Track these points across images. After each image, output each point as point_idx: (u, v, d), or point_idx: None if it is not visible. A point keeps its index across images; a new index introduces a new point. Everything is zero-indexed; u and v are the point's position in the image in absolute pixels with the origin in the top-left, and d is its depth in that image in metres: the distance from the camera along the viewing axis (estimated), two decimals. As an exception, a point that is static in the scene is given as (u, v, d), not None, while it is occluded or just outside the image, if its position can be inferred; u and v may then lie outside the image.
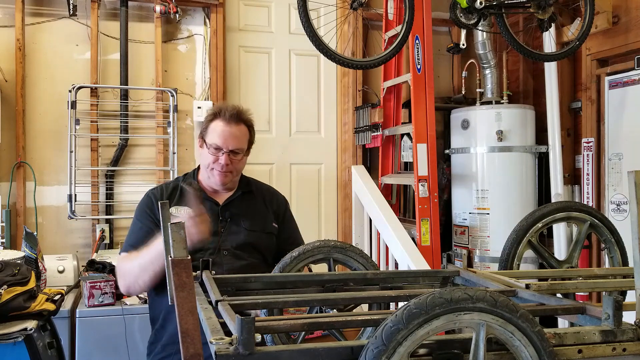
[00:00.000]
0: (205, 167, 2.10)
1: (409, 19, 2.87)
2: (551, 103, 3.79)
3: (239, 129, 2.10)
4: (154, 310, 2.11)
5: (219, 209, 2.11)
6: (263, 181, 2.40)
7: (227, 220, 2.10)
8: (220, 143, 2.05)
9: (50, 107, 3.72)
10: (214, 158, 2.06)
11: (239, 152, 2.09)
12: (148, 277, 1.90)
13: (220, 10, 4.02)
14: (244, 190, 2.20)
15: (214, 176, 2.09)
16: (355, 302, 1.45)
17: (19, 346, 2.25)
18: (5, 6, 3.64)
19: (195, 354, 0.94)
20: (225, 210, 2.12)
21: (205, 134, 2.10)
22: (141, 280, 1.92)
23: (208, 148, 2.07)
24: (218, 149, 2.05)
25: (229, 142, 2.06)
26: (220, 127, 2.06)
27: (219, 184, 2.10)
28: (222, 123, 2.07)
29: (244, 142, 2.13)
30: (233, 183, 2.17)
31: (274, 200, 2.27)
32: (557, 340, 1.05)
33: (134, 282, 1.95)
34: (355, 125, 4.25)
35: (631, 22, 3.44)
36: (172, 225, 1.11)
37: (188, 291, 1.00)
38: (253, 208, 2.18)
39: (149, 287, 1.97)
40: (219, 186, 2.12)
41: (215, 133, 2.06)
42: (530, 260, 3.47)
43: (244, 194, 2.19)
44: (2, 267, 2.36)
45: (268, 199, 2.26)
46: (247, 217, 2.14)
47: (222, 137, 2.05)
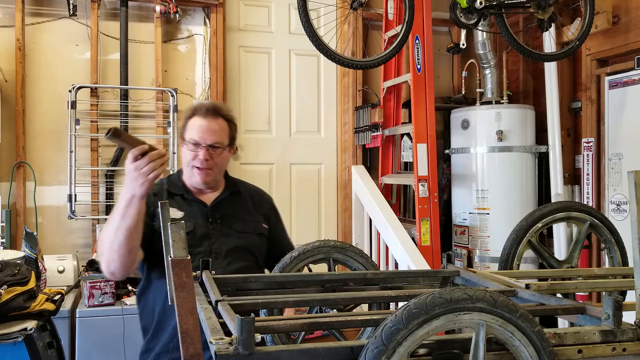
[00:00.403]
0: (186, 166, 2.04)
1: (409, 19, 2.87)
2: (551, 103, 3.79)
3: (217, 123, 2.03)
4: (145, 319, 2.05)
5: (207, 210, 2.05)
6: (263, 181, 2.40)
7: (217, 222, 2.03)
8: (197, 138, 1.99)
9: (50, 107, 3.72)
10: (193, 154, 2.00)
11: (218, 146, 2.02)
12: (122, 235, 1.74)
13: (220, 10, 4.02)
14: (232, 191, 2.14)
15: (194, 175, 2.02)
16: (355, 302, 1.45)
17: (19, 346, 2.25)
18: (5, 6, 3.64)
19: (195, 354, 0.94)
20: (214, 212, 2.05)
21: (184, 132, 2.04)
22: (116, 244, 1.75)
23: (187, 145, 2.02)
24: (196, 144, 1.99)
25: (207, 136, 1.99)
26: (198, 122, 2.01)
27: (201, 182, 2.04)
28: (200, 118, 2.02)
29: (224, 137, 2.05)
30: (216, 182, 2.11)
31: (263, 201, 2.24)
32: (557, 340, 1.05)
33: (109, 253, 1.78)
34: (355, 125, 4.25)
35: (631, 22, 3.44)
36: (172, 225, 1.11)
37: (188, 291, 1.00)
38: (242, 209, 2.13)
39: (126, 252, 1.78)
40: (201, 185, 2.05)
41: (193, 129, 2.01)
42: (530, 260, 3.47)
43: (232, 194, 2.14)
44: (2, 267, 2.36)
45: (257, 200, 2.21)
46: (237, 218, 2.08)
47: (199, 132, 1.99)
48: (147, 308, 1.99)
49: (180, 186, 2.07)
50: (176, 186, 2.08)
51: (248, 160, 4.20)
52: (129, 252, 1.79)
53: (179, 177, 2.11)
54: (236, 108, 4.18)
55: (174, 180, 2.11)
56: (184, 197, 2.05)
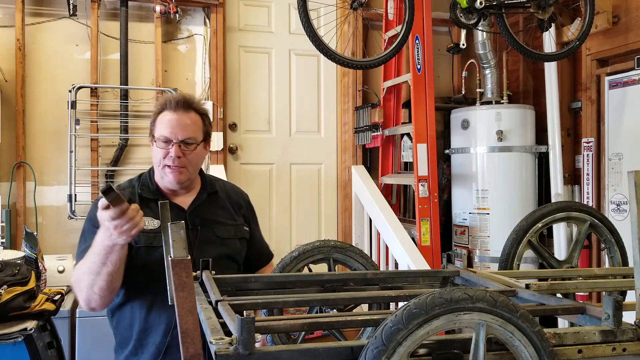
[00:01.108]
0: (157, 165, 1.86)
1: (409, 19, 2.87)
2: (551, 103, 3.79)
3: (189, 117, 1.85)
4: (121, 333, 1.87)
5: (186, 215, 1.87)
6: (263, 181, 2.33)
7: (197, 229, 1.87)
8: (168, 134, 1.82)
9: (50, 107, 3.72)
10: (164, 152, 1.82)
11: (191, 142, 1.84)
12: (103, 281, 1.66)
13: (220, 10, 4.02)
14: (209, 192, 1.97)
15: (166, 174, 1.85)
16: (355, 302, 1.45)
17: (19, 346, 2.26)
18: (5, 6, 3.64)
19: (195, 354, 0.94)
20: (194, 217, 1.88)
21: (154, 128, 1.87)
22: (97, 287, 1.67)
23: (156, 142, 1.84)
24: (167, 141, 1.82)
25: (178, 131, 1.82)
26: (168, 117, 1.84)
27: (174, 182, 1.86)
28: (169, 112, 1.85)
29: (197, 131, 1.86)
30: (191, 181, 1.93)
31: (241, 201, 2.07)
32: (557, 340, 1.05)
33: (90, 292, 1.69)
34: (355, 125, 4.25)
35: (631, 22, 3.44)
36: (172, 225, 1.11)
37: (188, 291, 1.00)
38: (222, 211, 1.97)
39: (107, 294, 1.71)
40: (175, 185, 1.87)
41: (162, 124, 1.84)
42: (530, 260, 3.47)
43: (209, 196, 1.96)
44: (2, 267, 2.36)
45: (235, 200, 2.04)
46: (218, 222, 1.92)
47: (169, 127, 1.82)
48: (124, 322, 1.86)
49: (154, 189, 1.91)
50: (149, 190, 1.91)
51: (248, 160, 4.20)
52: (111, 292, 1.72)
53: (150, 179, 1.93)
54: (236, 108, 4.18)
55: (146, 182, 1.93)
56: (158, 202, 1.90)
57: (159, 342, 1.79)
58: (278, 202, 4.27)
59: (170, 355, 1.79)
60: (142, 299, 1.82)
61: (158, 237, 1.77)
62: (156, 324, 1.80)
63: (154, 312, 1.80)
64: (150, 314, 1.81)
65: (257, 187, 4.16)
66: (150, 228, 1.80)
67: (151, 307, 1.81)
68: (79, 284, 1.72)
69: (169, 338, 1.78)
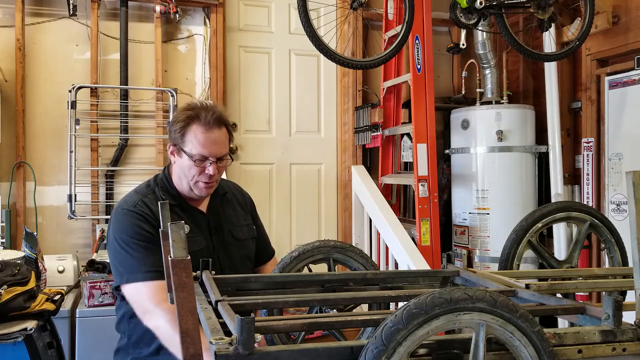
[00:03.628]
0: (189, 179, 1.85)
1: (409, 19, 2.87)
2: (551, 103, 3.79)
3: (222, 133, 1.85)
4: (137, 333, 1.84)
5: (207, 219, 1.90)
6: (263, 181, 2.34)
7: (219, 233, 1.89)
8: (207, 153, 1.80)
9: (50, 107, 3.72)
10: (200, 170, 1.82)
11: (225, 158, 1.88)
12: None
13: (220, 10, 4.02)
14: (220, 193, 1.99)
15: (199, 189, 1.85)
16: (355, 302, 1.45)
17: (19, 346, 2.25)
18: (5, 6, 3.64)
19: (195, 354, 0.94)
20: (214, 220, 1.91)
21: (182, 143, 1.83)
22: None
23: (190, 158, 1.81)
24: (203, 159, 1.81)
25: (215, 150, 1.81)
26: (203, 135, 1.80)
27: (204, 195, 1.88)
28: (203, 129, 1.81)
29: (227, 147, 1.89)
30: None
31: (247, 200, 2.11)
32: (557, 340, 1.05)
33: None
34: (355, 125, 4.25)
35: (631, 22, 3.44)
36: (172, 225, 1.11)
37: (188, 291, 1.00)
38: (235, 213, 2.00)
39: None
40: (204, 197, 1.90)
41: (197, 142, 1.80)
42: (530, 260, 3.47)
43: (221, 197, 1.99)
44: (2, 267, 2.36)
45: (242, 200, 2.08)
46: (234, 225, 1.95)
47: (207, 147, 1.80)
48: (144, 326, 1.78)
49: (175, 194, 1.90)
50: (170, 195, 1.90)
51: (248, 160, 4.21)
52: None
53: (169, 184, 1.92)
54: (236, 108, 4.18)
55: (165, 187, 1.92)
56: (182, 207, 1.90)
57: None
58: (278, 202, 4.27)
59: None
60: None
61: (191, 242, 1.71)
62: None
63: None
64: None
65: (257, 187, 4.16)
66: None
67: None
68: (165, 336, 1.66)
69: None
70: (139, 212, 1.83)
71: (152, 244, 1.77)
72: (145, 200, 1.87)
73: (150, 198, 1.88)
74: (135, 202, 1.86)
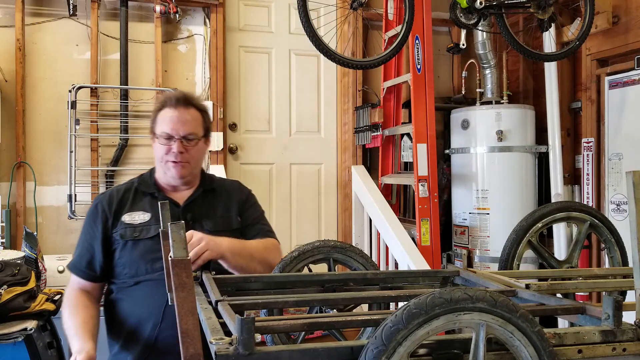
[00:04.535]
0: (160, 162, 1.92)
1: (409, 19, 2.87)
2: (551, 103, 3.79)
3: (189, 113, 1.90)
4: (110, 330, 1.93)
5: (179, 211, 1.90)
6: (263, 181, 2.32)
7: (188, 224, 1.88)
8: (169, 130, 1.87)
9: (50, 107, 3.72)
10: (167, 148, 1.88)
11: (192, 137, 1.89)
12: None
13: (220, 10, 4.02)
14: (205, 188, 1.99)
15: (169, 169, 1.90)
16: (355, 302, 1.45)
17: (19, 346, 2.25)
18: (5, 6, 3.64)
19: (195, 354, 0.94)
20: (186, 212, 1.92)
21: (155, 126, 1.92)
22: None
23: (158, 139, 1.89)
24: (169, 137, 1.87)
25: (179, 127, 1.87)
26: (169, 114, 1.89)
27: (177, 177, 1.90)
28: (170, 110, 1.89)
29: (197, 127, 1.91)
30: (193, 176, 1.97)
31: (238, 193, 2.09)
32: (557, 340, 1.05)
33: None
34: (355, 125, 4.25)
35: (631, 22, 3.44)
36: (172, 225, 1.11)
37: (188, 291, 1.00)
38: (216, 207, 1.98)
39: None
40: (177, 180, 1.92)
41: (163, 121, 1.89)
42: (530, 260, 3.47)
43: (205, 192, 1.99)
44: (2, 267, 2.36)
45: (230, 194, 2.06)
46: (209, 217, 1.94)
47: (170, 124, 1.87)
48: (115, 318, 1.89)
49: (152, 184, 1.96)
50: (147, 184, 1.96)
51: (248, 160, 4.20)
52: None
53: (150, 175, 1.99)
54: (236, 108, 4.18)
55: (145, 178, 2.00)
56: (154, 196, 1.92)
57: (147, 337, 1.80)
58: (278, 202, 4.27)
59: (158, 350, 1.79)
60: (131, 294, 1.84)
61: (145, 230, 1.85)
62: (146, 317, 1.81)
63: (143, 306, 1.81)
64: (139, 309, 1.82)
65: (257, 187, 4.13)
66: (139, 222, 1.86)
67: (140, 301, 1.82)
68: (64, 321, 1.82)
69: (156, 332, 1.78)
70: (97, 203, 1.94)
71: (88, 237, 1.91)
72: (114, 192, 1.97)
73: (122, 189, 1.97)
74: (105, 193, 1.99)
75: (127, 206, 1.91)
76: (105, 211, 1.90)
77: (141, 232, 1.85)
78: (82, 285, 1.90)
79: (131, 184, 1.99)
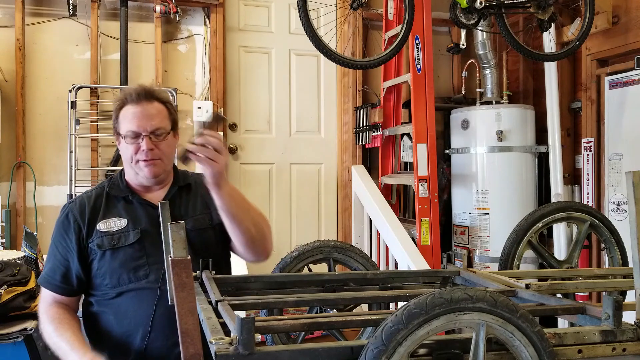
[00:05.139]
0: (129, 162, 1.78)
1: (409, 19, 2.87)
2: (551, 103, 3.79)
3: (153, 107, 1.77)
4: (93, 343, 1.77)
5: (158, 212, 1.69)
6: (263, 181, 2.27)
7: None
8: (135, 127, 1.73)
9: (50, 107, 3.72)
10: (135, 147, 1.74)
11: (160, 132, 1.76)
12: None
13: (220, 10, 4.02)
14: (180, 185, 1.88)
15: (141, 169, 1.76)
16: (355, 302, 1.45)
17: (19, 346, 2.25)
18: (5, 6, 3.64)
19: (195, 354, 0.94)
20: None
21: (118, 125, 1.78)
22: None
23: (124, 139, 1.76)
24: (136, 135, 1.74)
25: (145, 123, 1.74)
26: (131, 111, 1.75)
27: (150, 176, 1.77)
28: (132, 106, 1.76)
29: (164, 121, 1.78)
30: (167, 174, 1.85)
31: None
32: (557, 340, 1.05)
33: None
34: (355, 125, 4.25)
35: (631, 22, 3.44)
36: (172, 225, 1.11)
37: (188, 291, 1.00)
38: (193, 204, 1.87)
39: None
40: (150, 180, 1.79)
41: (127, 120, 1.75)
42: (530, 260, 3.47)
43: (181, 189, 1.87)
44: (2, 267, 2.36)
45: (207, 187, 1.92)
46: (188, 215, 1.82)
47: (135, 120, 1.74)
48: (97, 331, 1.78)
49: (124, 187, 1.83)
50: (118, 188, 1.83)
51: (248, 160, 4.20)
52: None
53: (121, 178, 1.85)
54: (236, 108, 4.18)
55: (116, 181, 1.85)
56: (128, 200, 1.81)
57: (137, 349, 1.69)
58: (278, 202, 4.27)
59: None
60: (114, 306, 1.74)
61: (123, 237, 1.74)
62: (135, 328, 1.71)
63: (129, 317, 1.71)
64: (124, 320, 1.72)
65: (257, 187, 4.16)
66: (116, 229, 1.75)
67: (125, 313, 1.72)
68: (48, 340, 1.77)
69: (146, 342, 1.69)
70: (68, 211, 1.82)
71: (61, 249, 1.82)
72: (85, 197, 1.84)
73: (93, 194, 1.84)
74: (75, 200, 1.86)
75: (100, 213, 1.79)
76: (77, 220, 1.78)
77: (119, 240, 1.74)
78: (58, 299, 1.81)
79: (101, 188, 1.86)
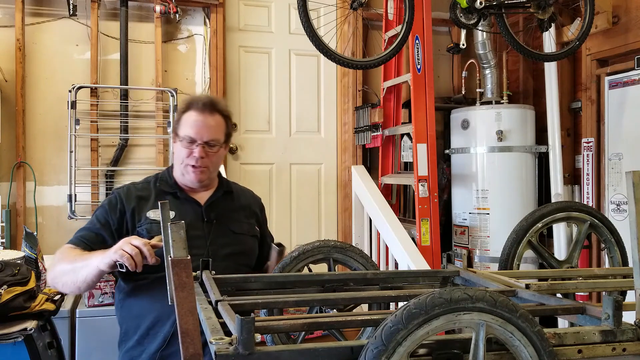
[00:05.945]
0: (179, 163, 1.93)
1: (409, 19, 2.87)
2: (551, 103, 3.79)
3: (214, 119, 1.92)
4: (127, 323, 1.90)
5: (202, 210, 1.94)
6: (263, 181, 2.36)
7: (212, 222, 1.93)
8: (193, 134, 1.88)
9: (50, 107, 3.72)
10: (188, 152, 1.89)
11: (214, 143, 1.91)
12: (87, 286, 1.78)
13: (220, 10, 4.02)
14: (225, 190, 2.04)
15: (188, 173, 1.92)
16: (355, 302, 1.45)
17: (19, 346, 2.25)
18: (5, 6, 3.64)
19: (195, 354, 0.94)
20: (209, 211, 1.95)
21: (178, 127, 1.92)
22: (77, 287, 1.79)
23: (181, 141, 1.90)
24: (192, 141, 1.88)
25: (203, 132, 1.88)
26: (193, 118, 1.89)
27: (195, 181, 1.93)
28: (195, 113, 1.90)
29: (220, 133, 1.94)
30: (210, 180, 2.01)
31: (255, 203, 2.16)
32: (557, 340, 1.05)
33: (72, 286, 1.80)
34: (355, 125, 4.25)
35: (631, 22, 3.44)
36: (172, 225, 1.11)
37: (188, 291, 1.00)
38: (237, 210, 2.04)
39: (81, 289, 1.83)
40: (195, 184, 1.95)
41: (187, 124, 1.89)
42: (530, 260, 3.47)
43: (225, 194, 2.04)
44: (2, 267, 2.36)
45: (248, 201, 2.14)
46: (232, 219, 1.99)
47: (195, 128, 1.88)
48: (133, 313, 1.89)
49: (172, 184, 1.97)
50: (167, 184, 1.97)
51: (248, 160, 4.21)
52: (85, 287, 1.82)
53: (169, 175, 2.00)
54: (236, 108, 4.18)
55: (165, 177, 2.00)
56: (176, 196, 1.95)
57: (167, 332, 1.82)
58: (278, 202, 4.27)
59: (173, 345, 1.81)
60: (152, 289, 1.84)
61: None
62: (167, 314, 1.81)
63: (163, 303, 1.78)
64: (159, 304, 1.80)
65: (257, 187, 4.12)
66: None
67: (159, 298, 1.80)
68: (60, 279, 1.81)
69: (173, 328, 1.79)
70: (116, 194, 1.96)
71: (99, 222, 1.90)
72: (129, 186, 1.99)
73: (137, 185, 1.98)
74: (124, 187, 2.00)
75: (150, 202, 1.91)
76: (123, 203, 1.90)
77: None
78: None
79: (147, 182, 2.00)
